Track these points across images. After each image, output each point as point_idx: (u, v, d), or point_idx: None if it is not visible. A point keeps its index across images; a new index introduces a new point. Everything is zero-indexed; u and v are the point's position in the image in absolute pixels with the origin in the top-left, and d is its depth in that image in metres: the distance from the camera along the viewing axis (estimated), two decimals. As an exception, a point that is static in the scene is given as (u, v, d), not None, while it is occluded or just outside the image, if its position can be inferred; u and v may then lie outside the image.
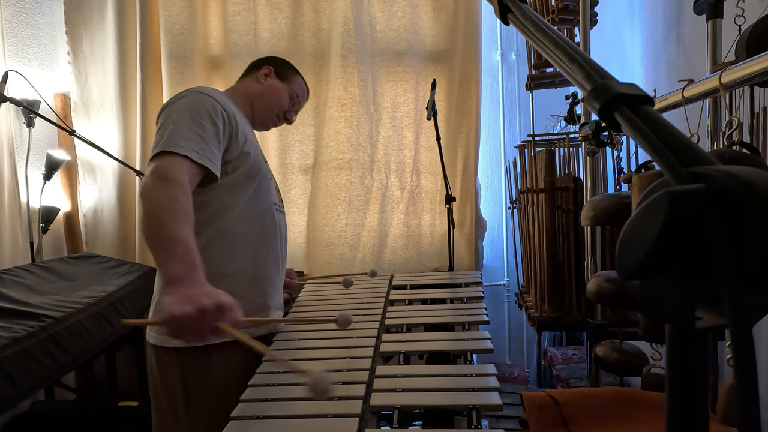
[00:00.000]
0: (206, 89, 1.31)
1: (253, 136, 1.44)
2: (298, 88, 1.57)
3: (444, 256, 2.57)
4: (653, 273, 0.28)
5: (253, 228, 1.33)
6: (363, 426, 0.87)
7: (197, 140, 1.17)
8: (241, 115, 1.41)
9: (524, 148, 2.48)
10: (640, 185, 1.14)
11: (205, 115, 1.21)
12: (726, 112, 1.08)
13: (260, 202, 1.36)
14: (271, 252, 1.38)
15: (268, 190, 1.40)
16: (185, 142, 1.14)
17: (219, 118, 1.24)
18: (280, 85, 1.53)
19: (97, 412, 2.20)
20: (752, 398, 0.24)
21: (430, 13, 2.75)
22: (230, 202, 1.29)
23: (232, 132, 1.28)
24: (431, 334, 1.36)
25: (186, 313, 0.89)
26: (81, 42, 2.64)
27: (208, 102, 1.24)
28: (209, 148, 1.19)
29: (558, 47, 0.45)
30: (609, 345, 1.48)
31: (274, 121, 1.56)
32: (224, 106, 1.28)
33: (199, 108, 1.22)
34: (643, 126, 0.33)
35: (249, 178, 1.32)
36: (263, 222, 1.37)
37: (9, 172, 2.22)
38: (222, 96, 1.35)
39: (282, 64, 1.57)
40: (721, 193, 0.26)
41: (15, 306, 1.64)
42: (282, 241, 1.45)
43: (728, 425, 0.96)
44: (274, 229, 1.40)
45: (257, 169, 1.35)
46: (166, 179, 1.07)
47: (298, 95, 1.57)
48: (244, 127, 1.38)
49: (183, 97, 1.26)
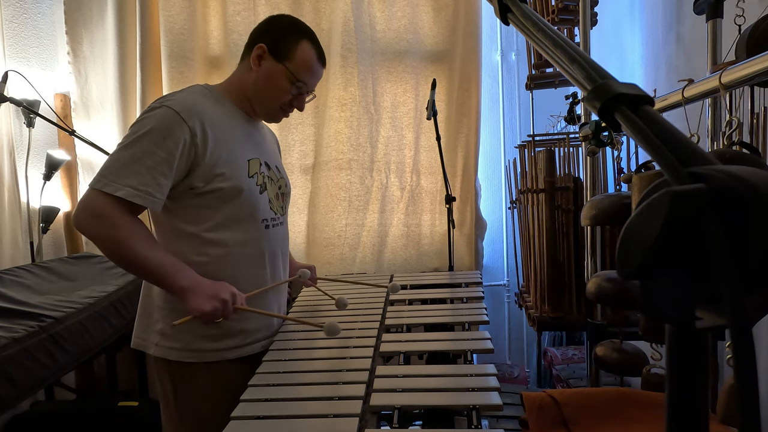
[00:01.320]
0: (182, 99, 1.21)
1: (247, 143, 1.31)
2: (300, 63, 1.29)
3: (444, 256, 2.57)
4: (653, 273, 0.28)
5: (236, 250, 1.26)
6: (363, 426, 0.87)
7: (140, 173, 1.13)
8: (231, 117, 1.30)
9: (524, 148, 2.48)
10: (640, 185, 1.14)
11: (160, 141, 1.14)
12: (726, 112, 1.08)
13: (245, 222, 1.27)
14: (260, 273, 1.31)
15: (257, 208, 1.29)
16: (124, 178, 1.12)
17: (179, 146, 1.15)
18: (276, 68, 1.29)
19: (97, 412, 2.20)
20: (752, 398, 0.24)
21: (430, 13, 2.75)
22: (205, 224, 1.23)
23: (198, 154, 1.18)
24: (431, 334, 1.36)
25: (215, 307, 1.13)
26: (81, 42, 2.64)
27: (172, 123, 1.16)
28: (153, 181, 1.13)
29: (558, 47, 0.45)
30: (609, 345, 1.48)
31: (281, 113, 1.36)
32: (195, 122, 1.18)
33: (159, 132, 1.15)
34: (643, 126, 0.33)
35: (226, 201, 1.23)
36: (250, 243, 1.28)
37: (9, 172, 2.22)
38: (203, 102, 1.24)
39: (277, 34, 1.31)
40: (721, 193, 0.26)
41: (15, 306, 1.64)
42: (272, 258, 1.35)
43: (728, 425, 0.96)
44: (262, 249, 1.31)
45: (238, 190, 1.24)
46: (101, 217, 1.11)
47: (301, 77, 1.30)
48: (231, 137, 1.26)
49: (151, 112, 1.18)
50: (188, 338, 1.24)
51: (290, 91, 1.32)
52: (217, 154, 1.21)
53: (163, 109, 1.17)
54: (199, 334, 1.24)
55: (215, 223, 1.24)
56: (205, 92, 1.30)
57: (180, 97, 1.22)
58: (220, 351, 1.26)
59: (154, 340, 1.27)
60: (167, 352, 1.25)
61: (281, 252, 1.39)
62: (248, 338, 1.30)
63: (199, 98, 1.26)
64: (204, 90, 1.31)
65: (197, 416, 1.26)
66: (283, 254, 1.41)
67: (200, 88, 1.32)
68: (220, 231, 1.24)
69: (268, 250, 1.33)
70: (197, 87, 1.32)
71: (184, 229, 1.23)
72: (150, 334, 1.28)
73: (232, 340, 1.27)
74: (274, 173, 1.39)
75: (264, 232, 1.31)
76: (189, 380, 1.26)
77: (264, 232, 1.31)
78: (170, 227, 1.25)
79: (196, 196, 1.21)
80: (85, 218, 1.12)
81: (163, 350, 1.26)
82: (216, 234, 1.24)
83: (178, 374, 1.26)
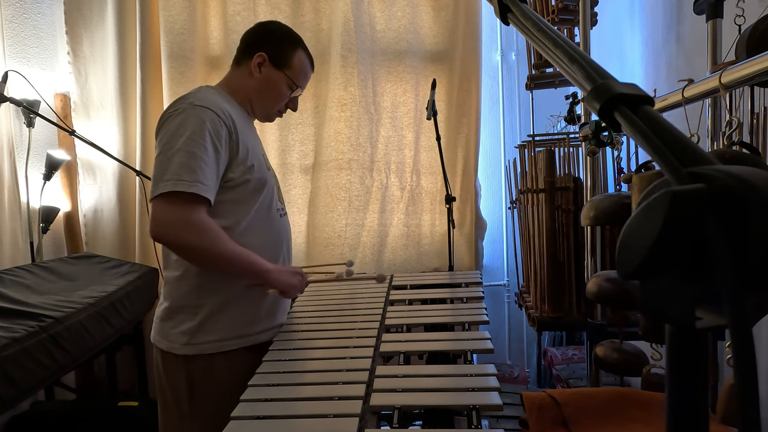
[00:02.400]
0: (206, 98, 1.26)
1: (255, 138, 1.41)
2: (298, 71, 1.41)
3: (444, 256, 2.57)
4: (653, 273, 0.28)
5: (260, 239, 1.33)
6: (363, 426, 0.87)
7: (201, 169, 1.17)
8: (241, 114, 1.37)
9: (524, 148, 2.48)
10: (640, 185, 1.14)
11: (207, 137, 1.19)
12: (726, 112, 1.08)
13: (266, 212, 1.36)
14: (277, 260, 1.39)
15: (273, 198, 1.39)
16: (190, 174, 1.15)
17: (222, 139, 1.22)
18: (277, 76, 1.39)
19: (97, 412, 2.20)
20: (752, 398, 0.24)
21: (430, 13, 2.75)
22: (237, 217, 1.30)
23: (233, 148, 1.26)
24: (431, 334, 1.36)
25: (298, 281, 1.35)
26: (81, 42, 2.64)
27: (210, 119, 1.21)
28: (212, 176, 1.20)
29: (558, 47, 0.45)
30: (609, 345, 1.48)
31: (276, 115, 1.48)
32: (225, 116, 1.25)
33: (201, 129, 1.19)
34: (643, 126, 0.33)
35: (255, 192, 1.32)
36: (270, 232, 1.37)
37: (9, 172, 2.22)
38: (220, 100, 1.30)
39: (275, 44, 1.39)
40: (721, 193, 0.26)
41: (15, 306, 1.64)
42: (287, 247, 1.45)
43: (728, 425, 0.96)
44: (280, 237, 1.41)
45: (263, 182, 1.34)
46: (189, 224, 1.16)
47: (298, 83, 1.42)
48: (245, 132, 1.33)
49: (182, 113, 1.21)
50: (225, 327, 1.30)
51: (288, 96, 1.43)
52: (245, 147, 1.30)
53: (199, 109, 1.21)
54: (238, 320, 1.32)
55: (247, 215, 1.31)
56: (217, 93, 1.35)
57: (204, 97, 1.27)
58: (255, 335, 1.35)
59: (182, 340, 1.28)
60: (202, 347, 1.28)
61: (289, 240, 1.49)
62: (273, 321, 1.40)
63: (218, 97, 1.31)
64: (215, 91, 1.36)
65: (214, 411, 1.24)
66: (290, 242, 1.50)
67: (211, 89, 1.37)
68: (252, 223, 1.32)
69: (285, 238, 1.44)
70: (208, 88, 1.36)
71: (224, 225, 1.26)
72: (175, 335, 1.29)
73: (262, 323, 1.36)
74: (271, 167, 1.47)
75: (279, 221, 1.41)
76: (208, 374, 1.28)
77: (278, 221, 1.41)
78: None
79: (229, 190, 1.27)
80: (168, 224, 1.15)
81: (195, 347, 1.28)
82: (248, 226, 1.31)
83: (198, 370, 1.28)
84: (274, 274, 1.29)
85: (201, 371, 1.28)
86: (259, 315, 1.36)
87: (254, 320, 1.35)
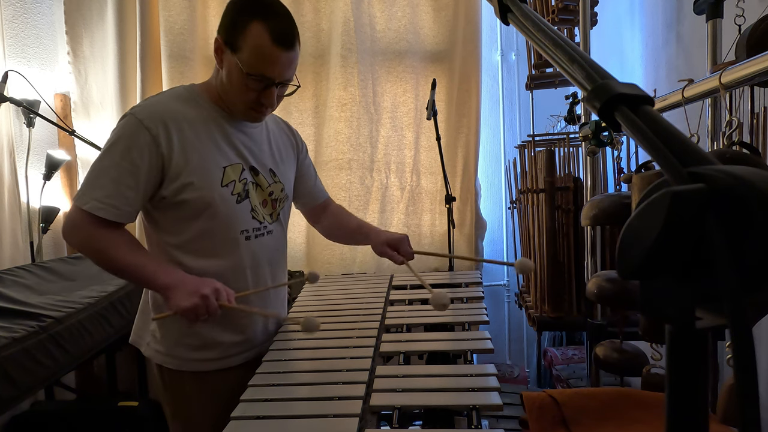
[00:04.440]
0: (150, 105, 1.17)
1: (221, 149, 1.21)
2: (252, 52, 1.10)
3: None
4: (653, 273, 0.28)
5: (214, 264, 1.20)
6: (363, 426, 0.87)
7: (105, 186, 1.10)
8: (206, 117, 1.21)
9: (524, 148, 2.48)
10: (640, 185, 1.14)
11: (125, 152, 1.11)
12: (726, 112, 1.08)
13: (222, 236, 1.20)
14: (239, 287, 1.21)
15: (230, 219, 1.21)
16: (92, 191, 1.10)
17: (143, 153, 1.11)
18: (231, 62, 1.13)
19: (97, 412, 2.20)
20: (752, 398, 0.24)
21: (430, 13, 2.75)
22: (183, 237, 1.19)
23: (164, 163, 1.13)
24: (431, 334, 1.36)
25: (194, 303, 1.06)
26: (81, 42, 2.64)
27: (136, 132, 1.12)
28: (118, 193, 1.10)
29: (558, 47, 0.45)
30: (609, 345, 1.48)
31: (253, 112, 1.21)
32: (158, 129, 1.12)
33: (123, 143, 1.12)
34: (643, 126, 0.33)
35: (197, 213, 1.17)
36: (229, 257, 1.22)
37: (9, 172, 2.22)
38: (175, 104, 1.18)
39: (229, 22, 1.14)
40: (721, 193, 0.26)
41: (15, 306, 1.64)
42: (255, 270, 1.27)
43: (728, 425, 0.96)
44: (241, 263, 1.23)
45: (206, 202, 1.17)
46: (78, 229, 1.12)
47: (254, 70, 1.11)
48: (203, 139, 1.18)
49: (120, 122, 1.15)
50: (170, 344, 1.24)
51: (250, 87, 1.14)
52: (184, 161, 1.15)
53: (128, 118, 1.14)
54: (180, 341, 1.23)
55: (192, 235, 1.19)
56: (183, 94, 1.23)
57: (148, 103, 1.19)
58: (199, 362, 1.24)
59: (147, 339, 1.29)
60: (155, 354, 1.27)
61: (269, 261, 1.30)
62: (228, 351, 1.26)
63: (172, 102, 1.19)
64: (183, 92, 1.23)
65: (188, 418, 1.27)
66: (272, 263, 1.32)
67: (180, 89, 1.25)
68: (198, 243, 1.20)
69: (250, 263, 1.25)
70: (177, 89, 1.26)
71: (167, 241, 1.21)
72: (145, 333, 1.30)
73: (211, 352, 1.24)
74: (264, 178, 1.28)
75: (244, 244, 1.23)
76: (177, 383, 1.26)
77: (244, 244, 1.23)
78: (156, 239, 1.23)
79: (171, 207, 1.17)
80: (67, 231, 1.14)
81: (152, 352, 1.27)
82: (194, 246, 1.20)
83: (167, 376, 1.27)
84: (170, 291, 1.08)
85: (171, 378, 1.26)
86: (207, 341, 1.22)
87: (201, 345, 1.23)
